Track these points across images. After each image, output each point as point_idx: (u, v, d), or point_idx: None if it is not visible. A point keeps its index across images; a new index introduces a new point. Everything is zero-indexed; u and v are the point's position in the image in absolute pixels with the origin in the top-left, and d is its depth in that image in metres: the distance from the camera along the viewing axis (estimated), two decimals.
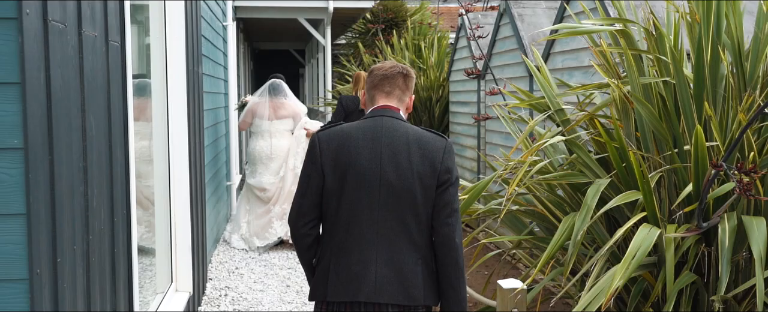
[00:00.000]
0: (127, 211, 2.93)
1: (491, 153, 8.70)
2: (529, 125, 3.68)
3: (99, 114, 2.53)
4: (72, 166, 2.20)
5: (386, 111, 2.75)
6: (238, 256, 7.42)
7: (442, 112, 11.31)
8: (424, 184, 2.65)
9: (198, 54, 5.65)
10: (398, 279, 2.65)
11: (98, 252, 2.47)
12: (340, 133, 2.71)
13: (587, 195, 3.27)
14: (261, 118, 7.76)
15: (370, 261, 2.65)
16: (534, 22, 7.65)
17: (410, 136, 2.69)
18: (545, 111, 3.82)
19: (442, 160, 2.68)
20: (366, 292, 2.64)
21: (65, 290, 2.12)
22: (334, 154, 2.67)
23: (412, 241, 2.68)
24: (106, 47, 2.66)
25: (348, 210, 2.66)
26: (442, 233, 2.68)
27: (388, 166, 2.64)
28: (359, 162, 2.65)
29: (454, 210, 2.68)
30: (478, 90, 9.08)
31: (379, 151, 2.66)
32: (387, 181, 2.64)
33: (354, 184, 2.65)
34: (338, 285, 2.66)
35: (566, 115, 3.74)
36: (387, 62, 2.85)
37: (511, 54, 7.68)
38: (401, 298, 2.65)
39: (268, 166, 7.73)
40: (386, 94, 2.78)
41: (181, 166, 4.77)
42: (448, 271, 2.70)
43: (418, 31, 13.23)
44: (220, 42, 8.72)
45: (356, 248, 2.67)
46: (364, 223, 2.66)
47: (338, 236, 2.69)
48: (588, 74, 5.82)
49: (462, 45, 9.97)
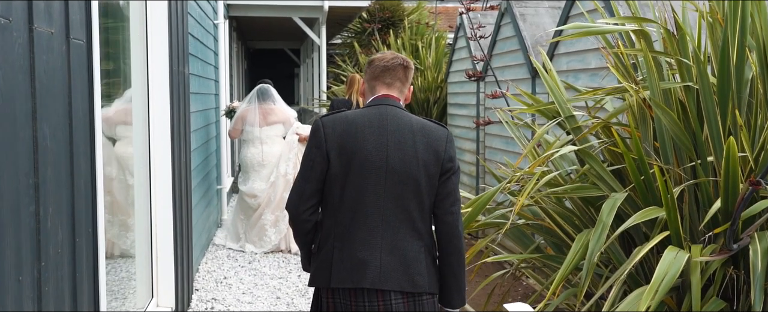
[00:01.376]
0: (93, 230, 2.62)
1: (491, 158, 8.40)
2: (537, 134, 3.38)
3: (56, 122, 2.23)
4: (17, 183, 1.89)
5: (389, 100, 2.76)
6: (226, 264, 7.11)
7: (440, 114, 11.00)
8: (429, 172, 2.66)
9: (184, 53, 5.34)
10: (403, 266, 2.65)
11: (54, 280, 2.16)
12: (345, 120, 2.69)
13: (602, 211, 2.97)
14: (251, 125, 7.61)
15: (374, 248, 2.65)
16: (536, 22, 7.36)
17: (414, 125, 2.70)
18: (555, 117, 3.52)
19: (445, 148, 2.70)
20: (371, 278, 2.64)
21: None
22: (339, 139, 2.66)
23: (415, 228, 2.68)
24: (67, 45, 2.35)
25: (353, 197, 2.66)
26: (447, 222, 2.70)
27: (394, 154, 2.65)
28: (365, 149, 2.64)
29: (456, 199, 2.72)
30: (477, 92, 8.78)
31: (385, 138, 2.66)
32: (393, 169, 2.65)
33: (359, 170, 2.64)
34: (343, 271, 2.65)
35: (577, 122, 3.44)
36: (387, 53, 2.83)
37: (513, 55, 7.38)
38: (406, 285, 2.65)
39: (260, 172, 7.61)
40: (387, 85, 2.79)
41: (163, 172, 4.47)
42: (452, 260, 2.72)
43: (415, 30, 12.94)
44: (210, 41, 8.41)
45: (361, 235, 2.66)
46: (369, 210, 2.66)
47: (342, 223, 2.68)
48: (596, 77, 5.52)
49: (461, 45, 9.68)
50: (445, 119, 10.74)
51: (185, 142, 5.34)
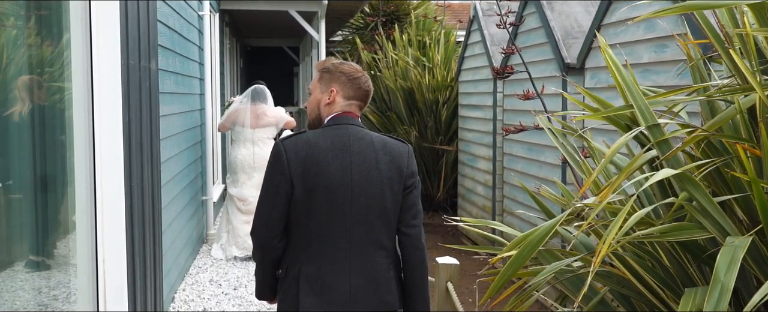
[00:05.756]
0: None
1: (510, 166, 7.44)
2: (611, 150, 2.41)
3: None
4: None
5: (350, 119, 2.76)
6: (208, 290, 6.15)
7: (450, 116, 10.06)
8: (393, 189, 2.69)
9: (149, 44, 4.39)
10: (372, 286, 2.68)
11: None
12: (307, 143, 2.68)
13: (718, 266, 2.02)
14: (242, 125, 7.46)
15: (343, 271, 2.66)
16: (566, 11, 6.40)
17: (376, 143, 2.71)
18: (631, 126, 2.56)
19: (407, 164, 2.73)
20: (340, 302, 2.65)
21: None
22: (303, 164, 2.64)
23: (383, 247, 2.71)
24: None
25: (319, 221, 2.65)
26: (410, 234, 2.73)
27: (358, 176, 2.65)
28: (329, 172, 2.64)
29: (418, 211, 2.76)
30: (494, 92, 7.82)
31: (348, 160, 2.66)
32: (358, 191, 2.65)
33: (324, 194, 2.63)
34: (311, 296, 2.65)
35: (664, 134, 2.49)
36: (363, 74, 2.80)
37: (539, 49, 6.42)
38: (376, 304, 2.68)
39: (251, 176, 7.45)
40: (358, 108, 2.80)
41: (111, 193, 3.50)
42: (416, 272, 2.75)
43: (421, 26, 11.98)
44: (194, 34, 7.45)
45: (328, 258, 2.66)
46: (336, 233, 2.66)
47: (309, 247, 2.67)
48: (648, 74, 4.56)
49: (475, 40, 8.72)
50: (455, 122, 9.79)
51: (150, 152, 4.38)
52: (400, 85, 10.25)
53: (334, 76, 2.78)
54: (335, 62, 2.86)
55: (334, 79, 2.77)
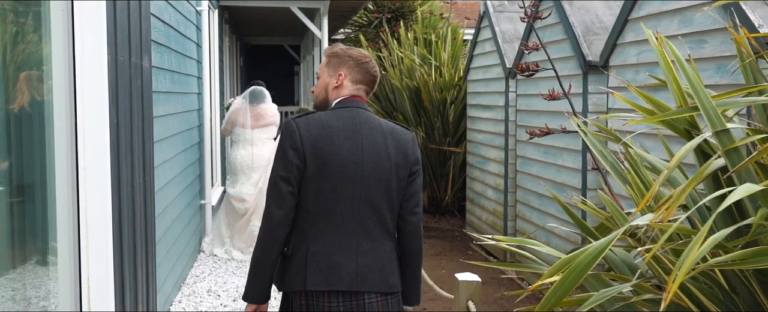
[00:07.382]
0: None
1: (524, 169, 7.08)
2: (675, 158, 2.05)
3: None
4: None
5: (360, 103, 2.79)
6: (206, 302, 5.80)
7: (458, 116, 9.69)
8: (399, 175, 2.72)
9: (141, 39, 4.04)
10: (378, 267, 2.70)
11: None
12: (320, 122, 2.69)
13: None
14: (242, 126, 7.45)
15: (350, 250, 2.68)
16: (585, 6, 6.04)
17: (384, 128, 2.75)
18: (692, 132, 2.21)
19: (412, 151, 2.77)
20: (347, 281, 2.66)
21: None
22: (314, 142, 2.65)
23: (386, 230, 2.74)
24: None
25: (328, 200, 2.66)
26: (412, 222, 2.77)
27: (369, 158, 2.67)
28: (341, 153, 2.65)
29: (420, 200, 2.80)
30: (506, 91, 7.47)
31: (360, 142, 2.68)
32: (367, 173, 2.67)
33: (335, 174, 2.64)
34: (318, 274, 2.65)
35: (734, 140, 2.13)
36: (370, 59, 2.83)
37: (557, 46, 6.06)
38: (382, 286, 2.70)
39: (250, 176, 7.43)
40: (365, 92, 2.83)
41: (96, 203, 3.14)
42: (414, 259, 2.80)
43: (427, 23, 11.63)
44: (191, 30, 7.09)
45: (336, 238, 2.68)
46: (345, 212, 2.68)
47: (317, 226, 2.68)
48: None
49: (485, 37, 8.36)
50: (463, 123, 9.43)
51: (142, 156, 4.03)
52: (406, 84, 9.89)
53: (343, 60, 2.81)
54: (343, 47, 2.89)
55: (343, 63, 2.81)
